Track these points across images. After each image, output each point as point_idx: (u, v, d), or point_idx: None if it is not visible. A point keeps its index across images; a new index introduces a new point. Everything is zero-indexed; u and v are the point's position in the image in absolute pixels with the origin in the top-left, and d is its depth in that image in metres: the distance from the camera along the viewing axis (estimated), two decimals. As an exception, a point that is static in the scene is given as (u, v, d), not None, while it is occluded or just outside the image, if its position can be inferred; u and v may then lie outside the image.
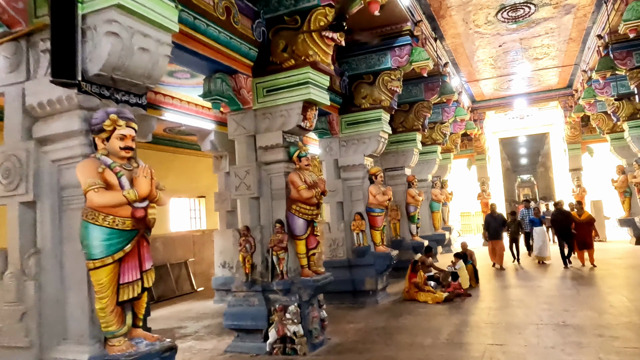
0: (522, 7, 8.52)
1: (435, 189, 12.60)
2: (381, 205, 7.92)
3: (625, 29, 6.91)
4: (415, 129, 10.23)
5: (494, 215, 10.80)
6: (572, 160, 15.55)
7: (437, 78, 10.08)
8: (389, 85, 7.82)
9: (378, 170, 8.05)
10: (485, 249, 11.25)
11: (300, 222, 5.54)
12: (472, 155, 16.49)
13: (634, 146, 10.99)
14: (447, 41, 9.92)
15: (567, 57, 11.66)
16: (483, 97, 15.12)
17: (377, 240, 7.98)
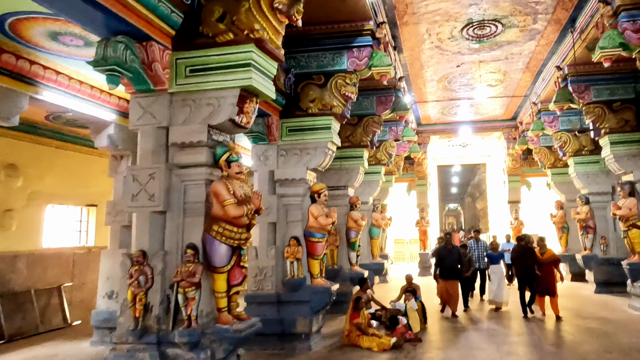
0: (490, 25, 7.94)
1: (376, 214, 11.68)
2: (323, 229, 6.71)
3: (600, 58, 6.43)
4: (363, 145, 9.23)
5: (449, 247, 8.48)
6: (511, 192, 15.54)
7: (391, 92, 9.22)
8: (343, 89, 6.70)
9: (322, 187, 6.85)
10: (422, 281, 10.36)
11: (223, 249, 4.13)
12: (412, 180, 15.95)
13: (578, 182, 10.89)
14: (404, 53, 9.12)
15: (519, 88, 11.45)
16: (429, 121, 14.69)
17: (315, 272, 6.73)
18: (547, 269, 8.00)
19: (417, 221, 15.15)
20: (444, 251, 8.47)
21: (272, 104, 6.36)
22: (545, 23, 7.92)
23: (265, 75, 4.49)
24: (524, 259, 8.10)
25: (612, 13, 6.46)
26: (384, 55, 6.80)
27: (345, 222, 9.14)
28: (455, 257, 8.34)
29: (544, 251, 8.18)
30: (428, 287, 11.62)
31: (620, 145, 8.70)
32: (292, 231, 6.61)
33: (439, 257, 8.45)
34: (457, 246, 8.72)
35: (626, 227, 8.54)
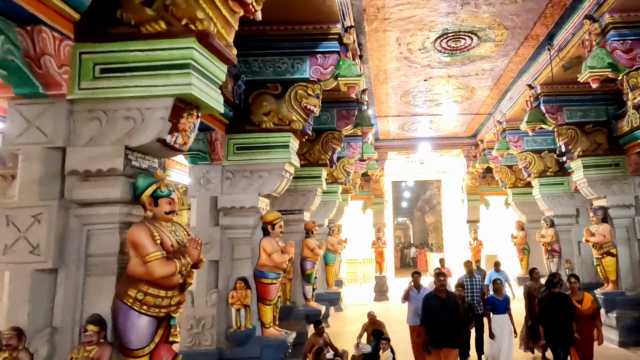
0: (465, 37, 7.31)
1: (332, 237, 10.73)
2: (278, 268, 5.63)
3: (589, 78, 5.94)
4: (322, 164, 8.25)
5: (442, 297, 5.40)
6: (470, 211, 15.19)
7: (353, 105, 8.35)
8: (304, 102, 5.70)
9: (277, 217, 5.78)
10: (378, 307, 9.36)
11: (143, 323, 2.99)
12: (369, 197, 15.23)
13: (543, 204, 10.54)
14: (370, 63, 8.31)
15: (484, 106, 11.05)
16: (388, 136, 14.05)
17: (268, 320, 5.63)
18: (587, 325, 5.77)
19: (373, 242, 14.40)
20: (436, 302, 5.36)
21: (216, 117, 5.23)
22: (521, 39, 7.42)
23: (211, 81, 3.43)
24: (561, 312, 5.67)
25: (600, 31, 6.02)
26: (352, 64, 5.90)
27: (300, 252, 8.09)
28: (452, 312, 5.33)
29: (580, 298, 5.83)
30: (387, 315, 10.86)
31: (593, 169, 8.33)
32: (239, 271, 5.47)
33: (427, 311, 5.36)
34: (453, 294, 5.68)
35: (600, 255, 8.15)
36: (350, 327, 9.27)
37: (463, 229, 15.70)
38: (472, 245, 14.20)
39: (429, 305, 5.39)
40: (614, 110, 8.40)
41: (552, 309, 5.75)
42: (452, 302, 5.44)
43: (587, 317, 5.78)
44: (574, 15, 6.58)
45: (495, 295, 6.75)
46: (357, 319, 8.73)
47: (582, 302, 5.83)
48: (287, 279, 7.83)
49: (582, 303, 5.82)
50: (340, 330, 9.35)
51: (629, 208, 8.24)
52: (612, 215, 8.24)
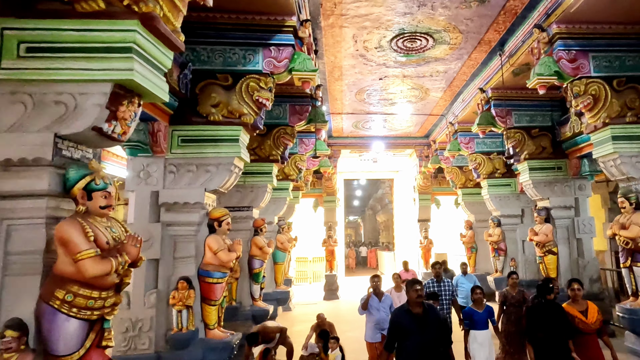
0: (421, 38, 7.47)
1: (282, 235, 10.66)
2: (224, 267, 5.49)
3: (537, 84, 6.25)
4: (273, 160, 8.15)
5: (416, 308, 4.05)
6: (422, 210, 15.56)
7: (307, 100, 8.30)
8: (256, 94, 5.59)
9: (224, 214, 5.63)
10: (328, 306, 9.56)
11: (72, 327, 2.83)
12: (320, 195, 15.25)
13: (491, 204, 11.04)
14: (325, 59, 8.31)
15: (437, 107, 11.36)
16: (341, 134, 14.15)
17: (212, 321, 5.48)
18: (591, 343, 4.68)
19: (324, 240, 14.46)
20: (409, 320, 3.99)
21: (160, 106, 5.02)
22: (475, 43, 7.70)
23: (155, 67, 3.27)
24: (555, 325, 4.60)
25: (548, 40, 6.35)
26: (307, 58, 5.84)
27: (248, 250, 7.96)
28: (433, 333, 3.98)
29: (583, 308, 4.78)
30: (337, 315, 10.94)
31: (538, 172, 8.83)
32: (181, 270, 5.30)
33: (398, 333, 4.02)
34: (432, 307, 4.20)
35: (542, 253, 8.63)
36: (298, 327, 9.23)
37: (414, 228, 16.11)
38: (422, 243, 14.62)
39: (399, 324, 4.00)
40: (558, 116, 8.92)
41: (547, 321, 4.63)
42: (432, 318, 4.03)
43: (592, 332, 4.69)
44: (524, 23, 6.91)
45: (474, 307, 5.62)
46: (306, 319, 8.72)
47: (587, 314, 4.74)
48: (234, 278, 7.66)
49: (586, 314, 4.73)
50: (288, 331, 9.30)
51: (570, 209, 8.82)
52: (554, 216, 8.76)
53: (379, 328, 5.78)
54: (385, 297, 6.07)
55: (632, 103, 6.21)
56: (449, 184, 13.83)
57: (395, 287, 7.06)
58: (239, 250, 5.67)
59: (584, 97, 6.21)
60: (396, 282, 7.12)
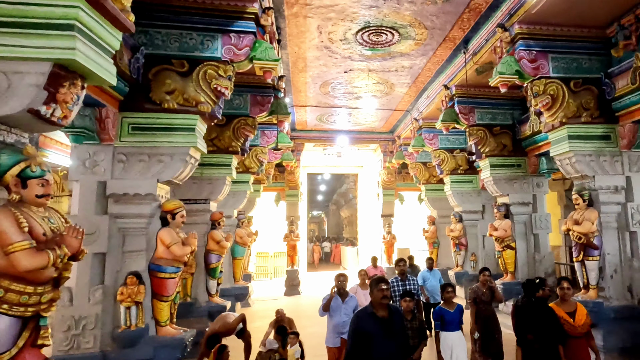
0: (387, 32, 7.50)
1: (241, 229, 10.53)
2: (177, 261, 5.35)
3: (498, 82, 6.43)
4: (232, 151, 8.00)
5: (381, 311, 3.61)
6: (385, 206, 15.74)
7: (269, 91, 8.19)
8: (214, 82, 5.45)
9: (178, 206, 5.48)
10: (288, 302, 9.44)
11: (2, 325, 2.68)
12: (282, 189, 15.15)
13: (453, 200, 11.31)
14: (288, 49, 8.22)
15: (402, 102, 11.48)
16: (305, 127, 14.09)
17: (163, 318, 5.33)
18: (578, 348, 4.38)
19: (286, 235, 14.38)
20: (373, 324, 3.54)
21: (108, 91, 4.80)
22: (440, 40, 7.81)
23: (101, 48, 3.11)
24: (543, 325, 4.26)
25: (510, 40, 6.52)
26: (269, 47, 5.74)
27: (205, 244, 7.82)
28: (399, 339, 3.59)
29: (572, 309, 4.51)
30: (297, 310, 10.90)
31: (499, 169, 9.12)
32: (130, 265, 5.12)
33: (360, 338, 3.49)
34: (397, 310, 3.79)
35: (501, 248, 8.96)
36: (257, 323, 9.14)
37: (377, 223, 16.29)
38: (385, 239, 14.82)
39: (362, 329, 3.50)
40: (519, 115, 9.21)
41: (536, 322, 4.26)
42: (398, 323, 3.64)
43: (580, 336, 4.38)
44: (488, 22, 7.07)
45: (444, 307, 5.31)
46: (266, 315, 8.64)
47: (575, 315, 4.42)
48: (189, 273, 7.51)
49: (574, 316, 4.42)
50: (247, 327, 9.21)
51: (528, 205, 9.18)
52: (513, 212, 9.09)
53: (339, 332, 5.46)
54: (350, 298, 5.66)
55: (587, 104, 6.49)
56: (413, 180, 14.08)
57: (361, 285, 6.68)
58: (193, 244, 5.54)
59: (543, 97, 6.44)
60: (362, 279, 6.76)
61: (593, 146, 6.49)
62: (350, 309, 5.55)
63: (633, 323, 6.04)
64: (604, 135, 6.53)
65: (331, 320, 5.57)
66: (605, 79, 6.46)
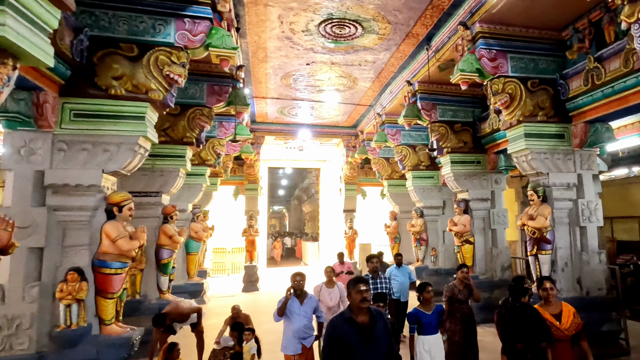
0: (350, 25, 7.50)
1: (196, 224, 10.31)
2: (124, 256, 5.18)
3: (459, 79, 6.58)
4: (187, 142, 7.80)
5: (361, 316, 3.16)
6: (347, 201, 15.82)
7: (227, 81, 8.02)
8: (166, 69, 5.27)
9: (125, 198, 5.29)
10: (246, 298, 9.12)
11: None
12: (241, 183, 14.94)
13: (415, 196, 11.55)
14: (248, 38, 8.07)
15: (365, 97, 11.54)
16: (265, 119, 13.94)
17: (108, 316, 5.15)
18: (564, 352, 4.14)
19: (245, 230, 14.20)
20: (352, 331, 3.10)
21: (46, 73, 4.56)
22: (403, 35, 7.89)
23: (36, 26, 2.94)
24: (528, 329, 4.02)
25: (471, 38, 6.68)
26: (227, 34, 5.60)
27: (156, 239, 7.61)
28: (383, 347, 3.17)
29: (557, 311, 4.29)
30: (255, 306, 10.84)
31: (459, 165, 9.38)
32: (71, 260, 4.90)
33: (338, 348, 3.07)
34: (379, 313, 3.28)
35: (460, 242, 9.27)
36: (213, 320, 9.01)
37: (339, 218, 16.40)
38: (347, 234, 14.94)
39: (339, 338, 3.10)
40: (479, 113, 9.49)
41: (524, 329, 4.02)
42: (381, 328, 3.20)
43: (566, 339, 4.16)
44: (450, 20, 7.22)
45: (421, 309, 4.86)
46: (222, 312, 8.53)
47: (561, 317, 4.23)
48: (138, 269, 7.31)
49: (560, 318, 4.22)
50: (200, 323, 9.06)
51: (486, 201, 9.49)
52: (472, 207, 9.38)
53: (299, 337, 4.96)
54: (309, 298, 5.15)
55: (543, 103, 6.76)
56: (376, 175, 14.23)
57: (326, 283, 6.18)
58: (142, 238, 5.38)
59: (502, 95, 6.67)
60: (328, 276, 6.25)
61: (548, 144, 6.78)
62: (310, 310, 5.14)
63: (581, 313, 6.17)
64: (558, 134, 6.84)
65: (289, 324, 5.03)
66: (560, 79, 6.74)
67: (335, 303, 5.98)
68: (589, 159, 6.94)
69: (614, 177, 12.36)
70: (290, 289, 5.00)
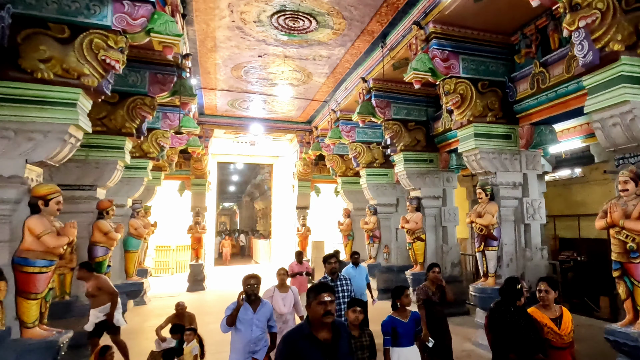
0: (304, 19, 7.50)
1: (136, 220, 9.97)
2: (50, 253, 4.90)
3: (412, 78, 6.75)
4: (126, 133, 7.49)
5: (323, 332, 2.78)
6: (300, 197, 15.85)
7: (172, 70, 7.79)
8: (102, 54, 5.03)
9: (52, 191, 5.00)
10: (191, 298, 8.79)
11: None
12: (188, 177, 14.58)
13: (368, 193, 11.78)
14: (195, 26, 7.88)
15: (320, 93, 11.58)
16: (215, 112, 13.68)
17: (31, 318, 4.83)
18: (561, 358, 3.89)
19: (191, 227, 13.90)
20: (313, 350, 2.71)
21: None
22: (358, 32, 8.01)
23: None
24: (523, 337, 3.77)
25: (425, 38, 6.91)
26: (170, 20, 5.42)
27: (89, 235, 7.30)
28: None
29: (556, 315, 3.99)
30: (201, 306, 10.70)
31: (412, 163, 9.68)
32: (-12, 257, 4.62)
33: None
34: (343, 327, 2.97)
35: (412, 240, 9.59)
36: (154, 321, 8.77)
37: (292, 216, 16.44)
38: (299, 231, 15.01)
39: (297, 357, 2.71)
40: (433, 112, 9.83)
41: (518, 337, 3.73)
42: (345, 345, 2.86)
43: (565, 346, 3.87)
44: (405, 19, 7.41)
45: (397, 316, 4.38)
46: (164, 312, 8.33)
47: (561, 322, 3.92)
48: (68, 268, 7.00)
49: (560, 323, 3.90)
50: (140, 327, 8.83)
51: (438, 199, 9.86)
52: (424, 205, 9.72)
53: (250, 351, 4.48)
54: (263, 305, 4.63)
55: (492, 105, 7.11)
56: (330, 172, 14.38)
57: (279, 286, 5.75)
58: (71, 234, 5.12)
59: (453, 96, 6.94)
60: (281, 279, 5.79)
61: (496, 144, 7.13)
62: (264, 319, 4.62)
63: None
64: (506, 134, 7.21)
65: (239, 336, 4.50)
66: (509, 82, 7.12)
67: (289, 309, 5.65)
68: (534, 160, 7.35)
69: (558, 177, 13.10)
70: (243, 294, 4.51)
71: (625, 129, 4.52)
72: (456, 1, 6.17)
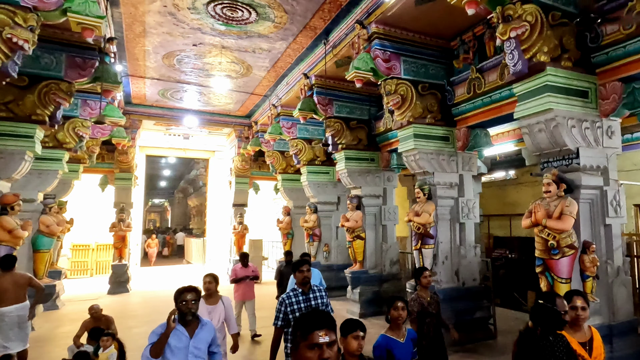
0: (243, 9, 7.42)
1: (49, 217, 9.40)
2: None
3: (354, 77, 6.91)
4: (37, 121, 7.10)
5: None
6: (238, 194, 15.71)
7: (94, 54, 7.45)
8: (7, 32, 4.75)
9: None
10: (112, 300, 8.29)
11: None
12: (111, 171, 13.91)
13: (309, 191, 11.92)
14: (121, 8, 7.52)
15: (260, 87, 11.50)
16: (144, 101, 13.14)
17: None
18: None
19: (114, 224, 13.29)
20: None
21: None
22: (300, 27, 8.06)
23: None
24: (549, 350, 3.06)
25: (367, 37, 7.11)
26: (92, 0, 5.19)
27: (-13, 236, 6.84)
28: None
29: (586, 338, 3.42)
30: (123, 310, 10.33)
31: (353, 162, 9.90)
32: None
33: None
34: None
35: (351, 238, 9.84)
36: (67, 327, 8.38)
37: (229, 213, 16.26)
38: (236, 229, 14.87)
39: None
40: (375, 112, 10.10)
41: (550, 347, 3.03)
42: None
43: None
44: (348, 17, 7.56)
45: (391, 335, 3.78)
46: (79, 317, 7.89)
47: (592, 346, 3.39)
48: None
49: (591, 348, 3.38)
50: (52, 333, 8.38)
51: (378, 198, 10.17)
52: (364, 204, 9.96)
53: None
54: (202, 326, 3.64)
55: (431, 107, 7.43)
56: (269, 169, 14.33)
57: (206, 297, 4.87)
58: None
59: (394, 96, 7.18)
60: (207, 288, 4.94)
61: (434, 145, 7.48)
62: (204, 344, 3.62)
63: (458, 302, 7.24)
64: (444, 136, 7.57)
65: None
66: (448, 86, 7.47)
67: (218, 325, 4.76)
68: (469, 161, 7.78)
69: (494, 178, 13.87)
70: (175, 313, 3.48)
71: (549, 135, 4.98)
72: (398, 3, 6.37)
